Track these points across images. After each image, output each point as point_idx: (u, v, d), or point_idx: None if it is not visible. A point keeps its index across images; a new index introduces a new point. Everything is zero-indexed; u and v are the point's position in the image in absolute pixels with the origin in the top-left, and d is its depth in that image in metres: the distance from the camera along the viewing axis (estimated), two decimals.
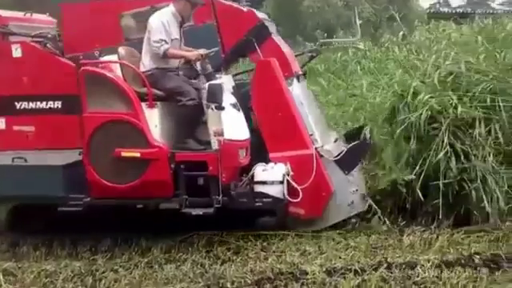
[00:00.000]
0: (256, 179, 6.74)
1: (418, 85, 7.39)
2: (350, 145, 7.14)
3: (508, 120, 7.06)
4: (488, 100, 7.06)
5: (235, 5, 7.45)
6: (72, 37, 7.45)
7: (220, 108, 6.54)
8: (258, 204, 6.70)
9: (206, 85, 6.68)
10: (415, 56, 8.54)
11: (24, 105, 7.15)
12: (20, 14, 7.71)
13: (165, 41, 6.76)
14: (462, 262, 5.78)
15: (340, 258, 6.21)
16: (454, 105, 6.97)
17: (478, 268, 5.62)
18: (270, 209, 6.87)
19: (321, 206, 6.97)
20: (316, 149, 6.95)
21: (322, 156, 6.95)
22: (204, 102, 6.76)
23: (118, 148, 6.59)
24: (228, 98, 6.71)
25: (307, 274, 5.78)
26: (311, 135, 7.04)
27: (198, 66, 7.02)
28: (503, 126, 7.01)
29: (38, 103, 7.13)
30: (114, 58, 6.95)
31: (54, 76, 7.07)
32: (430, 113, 7.01)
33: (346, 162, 7.02)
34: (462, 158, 6.84)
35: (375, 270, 5.72)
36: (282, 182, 6.68)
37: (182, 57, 7.00)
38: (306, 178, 6.80)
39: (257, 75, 7.07)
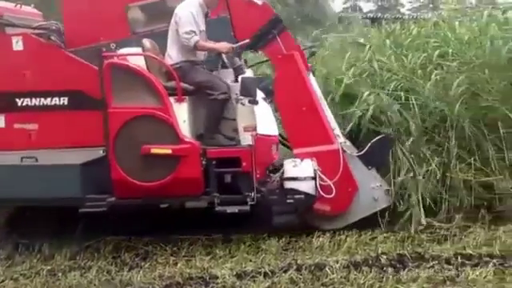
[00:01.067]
0: (287, 175, 6.55)
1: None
2: (374, 140, 7.08)
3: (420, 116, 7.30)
4: (402, 97, 7.35)
5: None
6: (73, 29, 7.02)
7: (254, 102, 6.35)
8: (289, 201, 6.49)
9: (239, 78, 6.44)
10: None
11: (26, 101, 6.78)
12: (11, 5, 7.23)
13: (195, 32, 6.51)
14: (369, 262, 5.88)
15: (250, 261, 6.19)
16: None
17: (384, 268, 5.73)
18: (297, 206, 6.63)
19: (347, 202, 6.87)
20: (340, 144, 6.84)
21: (344, 151, 6.83)
22: (233, 96, 6.49)
23: (146, 145, 6.21)
24: (258, 93, 6.51)
25: (217, 278, 5.76)
26: (333, 130, 6.93)
27: (225, 59, 6.75)
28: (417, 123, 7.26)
29: (43, 99, 6.76)
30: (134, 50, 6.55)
31: (60, 71, 6.74)
32: None
33: (369, 158, 6.95)
34: None
35: (285, 272, 5.76)
36: (313, 178, 6.51)
37: (213, 49, 6.79)
38: (333, 174, 6.70)
39: (281, 69, 6.89)
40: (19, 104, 6.82)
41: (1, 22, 6.89)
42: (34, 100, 6.82)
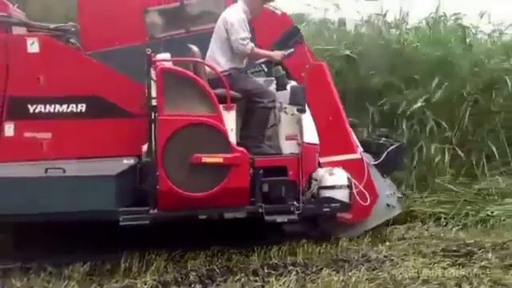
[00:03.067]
0: (324, 184, 6.69)
1: None
2: (389, 149, 7.41)
3: None
4: None
5: (270, 7, 7.31)
6: (87, 33, 6.72)
7: (303, 111, 6.45)
8: (325, 209, 6.65)
9: (288, 87, 6.52)
10: None
11: (40, 108, 6.43)
12: None
13: (249, 38, 6.49)
14: (178, 280, 5.97)
15: None
16: None
17: (193, 285, 5.88)
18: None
19: (368, 210, 7.09)
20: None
21: None
22: (277, 104, 6.55)
23: (197, 153, 6.07)
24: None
25: None
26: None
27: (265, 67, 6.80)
28: None
29: (58, 106, 6.44)
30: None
31: (78, 75, 6.48)
32: None
33: (384, 166, 7.28)
34: None
35: None
36: (348, 187, 6.72)
37: (267, 56, 6.76)
38: (358, 182, 6.93)
39: (309, 79, 6.98)
40: (31, 111, 6.43)
41: (14, 21, 6.40)
42: (48, 107, 6.44)
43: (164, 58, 6.33)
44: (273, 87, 6.78)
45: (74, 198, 6.11)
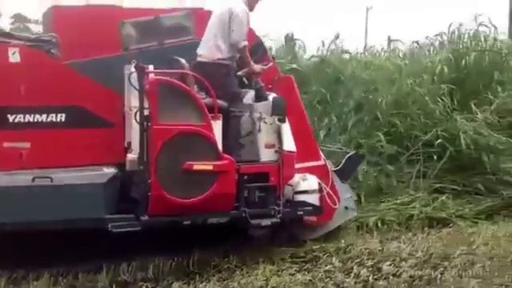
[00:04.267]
0: (297, 189, 7.16)
1: None
2: (347, 156, 8.00)
3: None
4: None
5: None
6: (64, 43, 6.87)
7: (283, 120, 6.89)
8: (299, 213, 7.13)
9: (270, 97, 6.92)
10: None
11: (19, 118, 6.45)
12: None
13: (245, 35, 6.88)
14: None
15: None
16: None
17: None
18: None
19: (331, 213, 7.60)
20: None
21: None
22: (256, 114, 6.94)
23: (189, 161, 6.38)
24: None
25: None
26: None
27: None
28: None
29: (38, 116, 6.49)
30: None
31: (58, 85, 6.58)
32: None
33: (343, 172, 7.87)
34: None
35: None
36: (319, 191, 7.24)
37: (249, 65, 7.07)
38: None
39: (278, 90, 7.37)
40: (11, 120, 6.43)
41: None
42: (28, 116, 6.47)
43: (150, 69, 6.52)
44: (248, 98, 7.09)
45: (62, 206, 6.21)
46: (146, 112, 6.32)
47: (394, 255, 6.71)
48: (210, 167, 6.42)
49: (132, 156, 6.57)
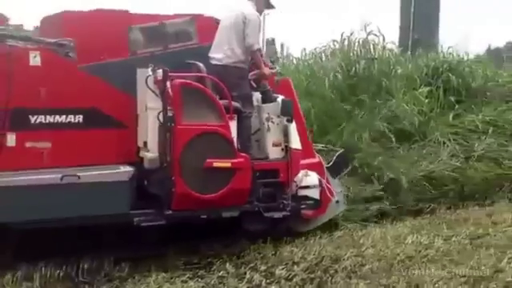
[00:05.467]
0: (301, 184, 7.71)
1: None
2: (337, 154, 8.61)
3: None
4: None
5: None
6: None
7: (291, 121, 7.44)
8: (302, 206, 7.69)
9: (279, 99, 7.45)
10: None
11: (40, 119, 6.71)
12: None
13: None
14: None
15: None
16: None
17: None
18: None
19: (325, 207, 8.17)
20: None
21: None
22: (264, 115, 7.45)
23: (209, 159, 6.84)
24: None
25: None
26: None
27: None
28: None
29: (57, 117, 6.78)
30: None
31: (76, 88, 6.87)
32: None
33: (334, 169, 8.48)
34: None
35: None
36: (319, 186, 7.83)
37: (261, 67, 7.51)
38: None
39: (277, 92, 7.86)
40: (32, 121, 6.67)
41: (16, 35, 6.77)
42: (48, 117, 6.73)
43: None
44: (254, 100, 7.57)
45: (89, 202, 6.55)
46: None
47: (286, 259, 6.82)
48: (229, 164, 6.86)
49: (151, 155, 6.86)
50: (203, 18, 7.88)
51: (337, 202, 8.23)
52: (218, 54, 7.22)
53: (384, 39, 12.85)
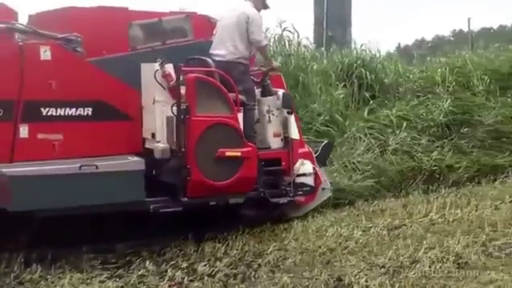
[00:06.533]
0: (298, 172, 8.15)
1: None
2: (322, 144, 9.10)
3: None
4: None
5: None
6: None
7: (291, 113, 7.90)
8: (299, 193, 8.15)
9: (280, 93, 7.91)
10: None
11: (51, 111, 6.91)
12: None
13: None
14: None
15: None
16: None
17: None
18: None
19: (315, 194, 8.67)
20: None
21: None
22: (265, 107, 7.88)
23: (221, 148, 7.21)
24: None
25: None
26: None
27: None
28: None
29: (68, 109, 7.00)
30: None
31: (85, 81, 7.09)
32: None
33: (320, 158, 8.98)
34: None
35: None
36: (314, 174, 8.31)
37: (270, 61, 8.07)
38: None
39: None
40: (44, 114, 6.86)
41: (26, 30, 6.90)
42: (59, 110, 6.92)
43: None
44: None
45: (107, 191, 6.75)
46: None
47: (209, 255, 6.80)
48: (239, 153, 7.21)
49: (162, 145, 7.12)
50: (197, 16, 8.21)
51: (323, 189, 8.57)
52: (221, 50, 7.56)
53: (298, 36, 13.39)
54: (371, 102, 12.77)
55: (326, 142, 9.14)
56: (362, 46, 15.21)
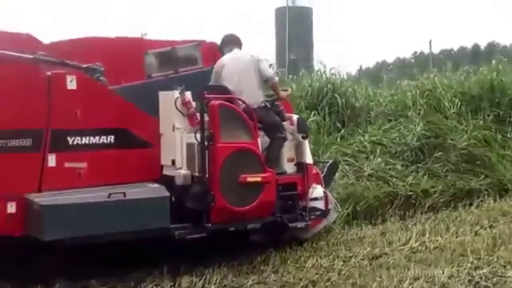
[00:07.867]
0: (310, 197, 8.31)
1: None
2: (328, 164, 9.32)
3: None
4: None
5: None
6: None
7: (306, 137, 8.12)
8: (312, 217, 8.36)
9: (295, 118, 8.09)
10: None
11: (77, 140, 7.01)
12: None
13: None
14: None
15: None
16: None
17: None
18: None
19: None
20: None
21: None
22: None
23: (243, 174, 7.34)
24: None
25: None
26: None
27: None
28: None
29: (92, 138, 7.09)
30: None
31: (109, 110, 7.19)
32: None
33: (326, 178, 9.19)
34: None
35: None
36: (324, 198, 8.52)
37: (279, 94, 8.08)
38: None
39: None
40: (70, 142, 6.94)
41: (54, 61, 6.99)
42: (84, 139, 7.00)
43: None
44: None
45: (135, 218, 6.81)
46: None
47: None
48: (259, 179, 7.33)
49: (184, 172, 7.24)
50: (206, 44, 8.37)
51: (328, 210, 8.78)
52: (246, 96, 7.65)
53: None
54: (343, 128, 12.77)
55: (331, 161, 9.24)
56: (331, 69, 15.33)
